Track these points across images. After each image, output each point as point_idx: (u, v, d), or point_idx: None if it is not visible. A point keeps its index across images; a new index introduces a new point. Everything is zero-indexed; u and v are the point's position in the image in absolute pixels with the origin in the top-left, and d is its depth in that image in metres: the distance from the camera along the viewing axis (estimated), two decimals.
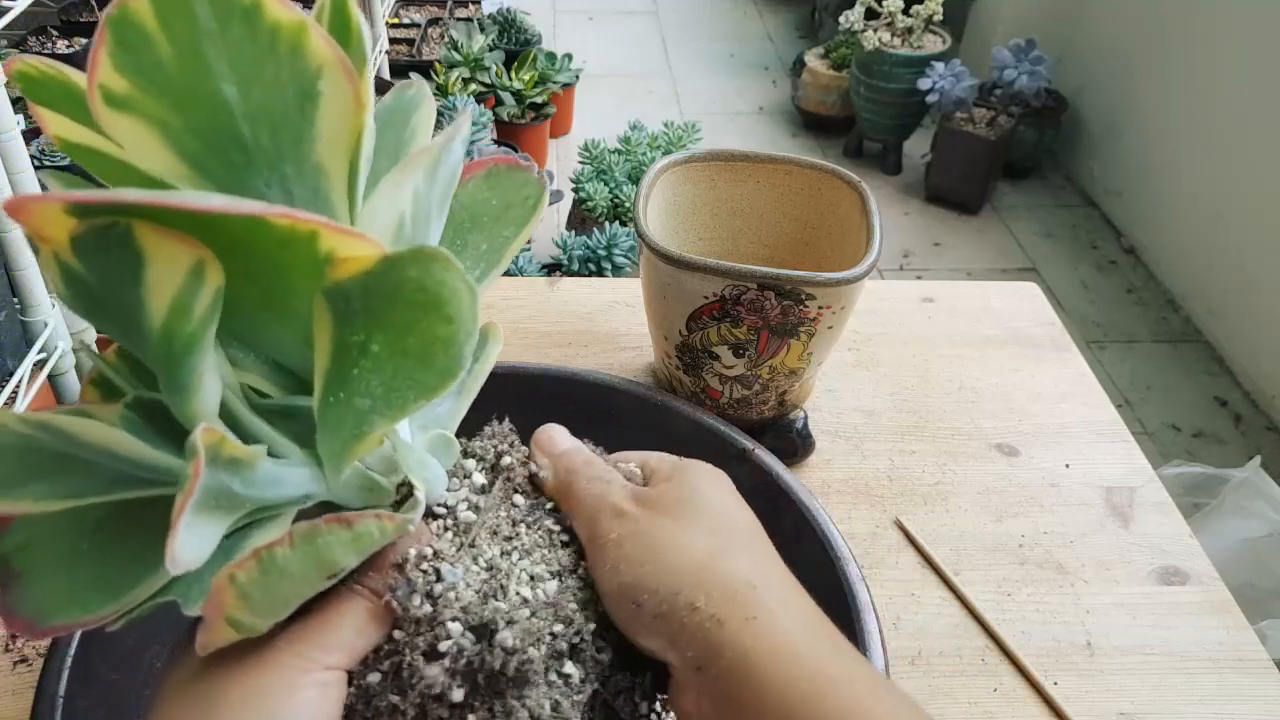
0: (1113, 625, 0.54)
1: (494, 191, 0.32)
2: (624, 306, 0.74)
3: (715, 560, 0.29)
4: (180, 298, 0.21)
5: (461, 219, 0.31)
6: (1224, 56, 1.90)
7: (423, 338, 0.22)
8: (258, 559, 0.23)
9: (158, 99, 0.21)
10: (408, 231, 0.23)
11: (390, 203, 0.22)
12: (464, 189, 0.31)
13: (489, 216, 0.31)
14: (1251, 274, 1.80)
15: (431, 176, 0.23)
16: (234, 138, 0.22)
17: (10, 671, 0.48)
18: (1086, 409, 0.68)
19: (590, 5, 3.27)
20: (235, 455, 0.23)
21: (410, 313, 0.22)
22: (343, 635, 0.27)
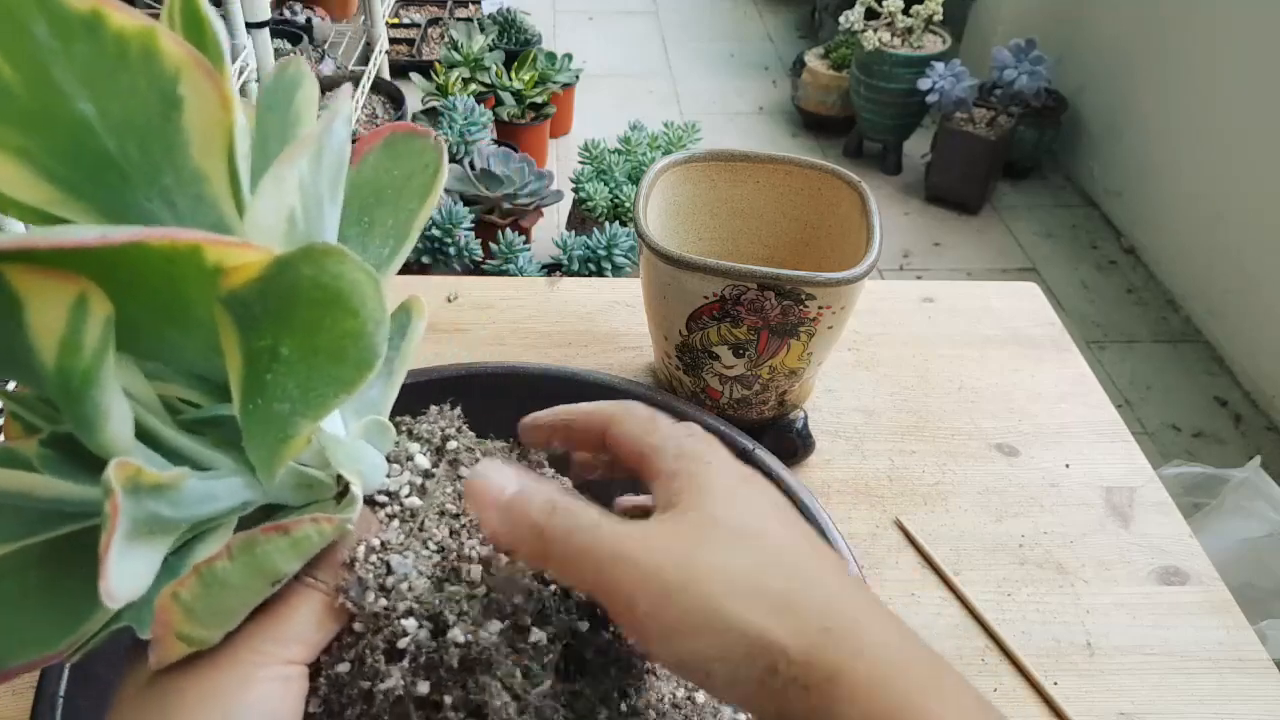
0: (1113, 625, 0.54)
1: (395, 162, 0.31)
2: (624, 306, 0.74)
3: (785, 609, 0.25)
4: (68, 336, 0.20)
5: (366, 196, 0.30)
6: (1224, 56, 1.90)
7: (330, 334, 0.22)
8: (198, 575, 0.23)
9: (11, 127, 0.20)
10: (300, 225, 0.23)
11: (275, 199, 0.22)
12: (365, 164, 0.30)
13: (392, 189, 0.30)
14: (1251, 274, 1.80)
15: (316, 163, 0.23)
16: (102, 156, 0.21)
17: None
18: (1086, 409, 0.68)
19: (590, 5, 3.27)
20: (157, 482, 0.22)
21: (313, 311, 0.22)
22: (298, 628, 0.26)
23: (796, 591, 0.25)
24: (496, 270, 1.59)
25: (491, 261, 1.60)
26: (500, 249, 1.59)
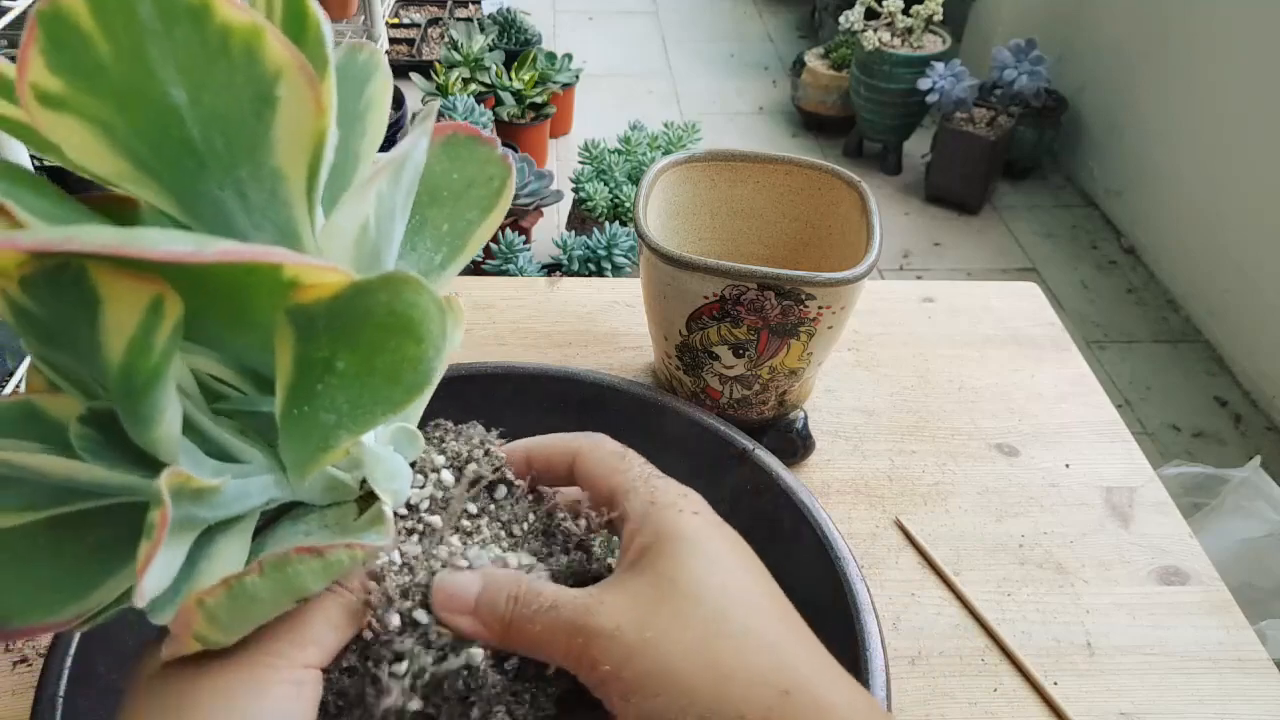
0: (1113, 625, 0.54)
1: (454, 164, 0.30)
2: (624, 306, 0.74)
3: (738, 671, 0.25)
4: (139, 336, 0.20)
5: (419, 193, 0.29)
6: (1224, 57, 1.90)
7: (392, 357, 0.22)
8: (227, 587, 0.23)
9: (99, 100, 0.20)
10: (371, 236, 0.23)
11: (354, 213, 0.22)
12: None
13: (449, 192, 0.30)
14: (1251, 274, 1.80)
15: (396, 180, 0.23)
16: (184, 142, 0.21)
17: (10, 671, 0.48)
18: (1086, 409, 0.68)
19: (590, 5, 3.27)
20: (202, 488, 0.23)
21: (380, 334, 0.22)
22: (315, 631, 0.26)
23: (751, 656, 0.26)
24: (496, 270, 1.59)
25: (491, 261, 1.60)
26: (500, 249, 1.59)
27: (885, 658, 0.38)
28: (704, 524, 0.29)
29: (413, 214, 0.29)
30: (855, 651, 0.38)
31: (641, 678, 0.25)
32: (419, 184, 0.29)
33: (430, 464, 0.31)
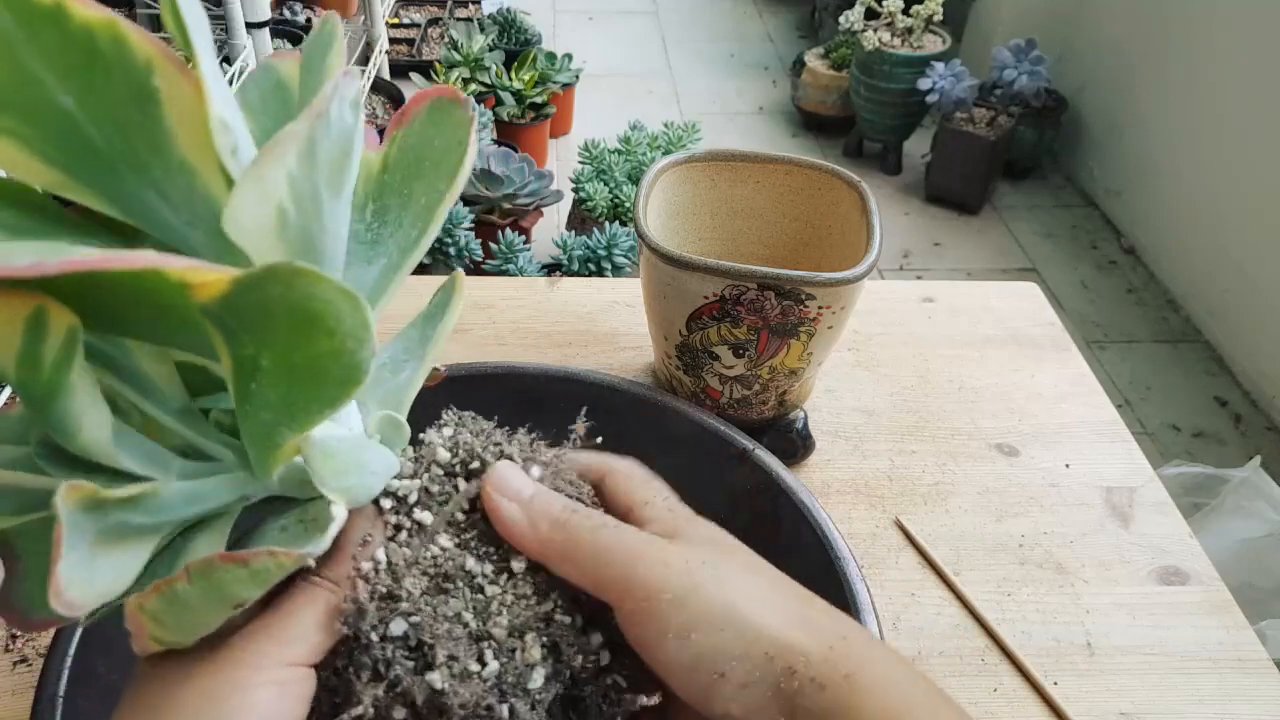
0: (1113, 625, 0.54)
1: (438, 130, 0.28)
2: (624, 306, 0.74)
3: (806, 618, 0.26)
4: (24, 352, 0.20)
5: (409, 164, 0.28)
6: (1224, 56, 1.90)
7: (307, 353, 0.21)
8: (159, 592, 0.23)
9: (12, 114, 0.20)
10: (293, 220, 0.22)
11: (256, 196, 0.20)
12: (412, 128, 0.29)
13: (431, 162, 0.28)
14: (1251, 274, 1.80)
15: (309, 155, 0.21)
16: (88, 145, 0.21)
17: (10, 671, 0.48)
18: (1086, 409, 0.68)
19: (590, 5, 3.28)
20: (116, 499, 0.22)
21: (287, 331, 0.21)
22: (300, 629, 0.26)
23: (810, 609, 0.27)
24: (496, 270, 1.59)
25: (491, 261, 1.60)
26: (500, 249, 1.59)
27: None
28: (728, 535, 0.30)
29: (401, 187, 0.29)
30: None
31: (709, 610, 0.25)
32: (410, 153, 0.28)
33: (429, 455, 0.30)
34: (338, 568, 0.27)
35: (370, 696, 0.26)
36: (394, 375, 0.31)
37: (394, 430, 0.29)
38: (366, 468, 0.27)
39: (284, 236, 0.21)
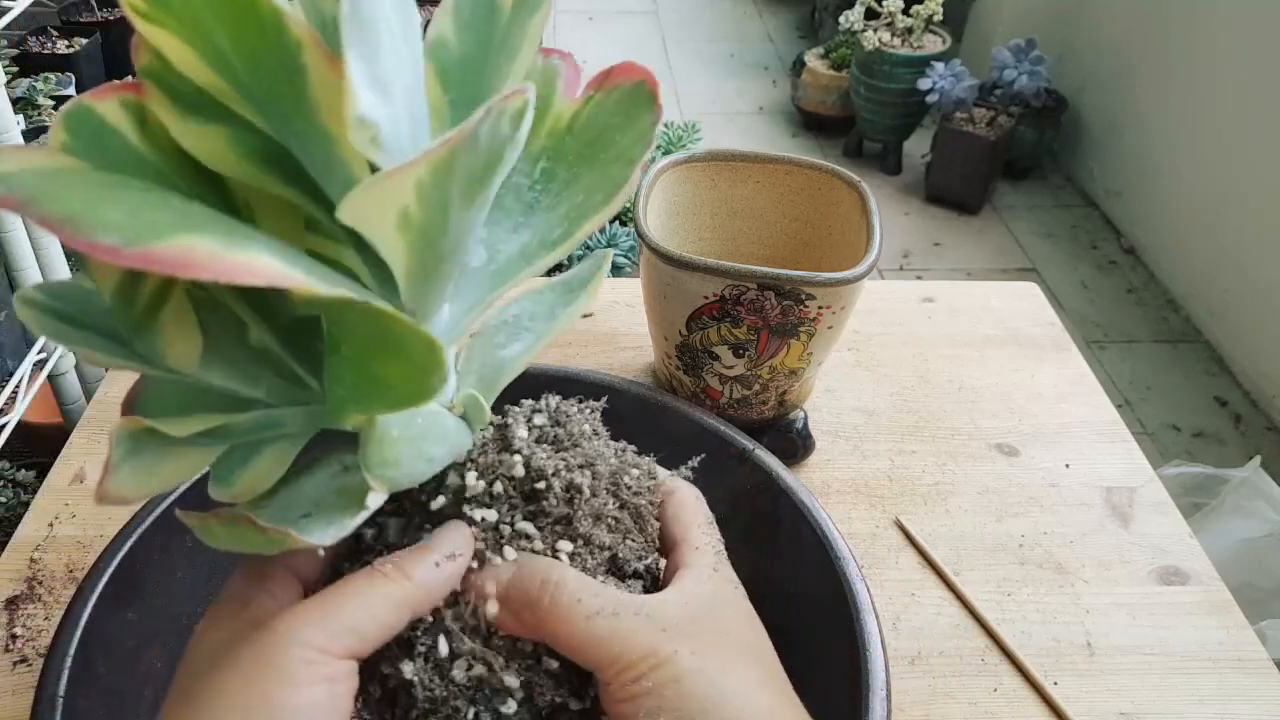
0: (1113, 625, 0.54)
1: (624, 118, 0.28)
2: (624, 306, 0.74)
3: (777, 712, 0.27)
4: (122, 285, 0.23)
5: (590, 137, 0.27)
6: (1224, 56, 1.90)
7: (379, 366, 0.23)
8: (199, 521, 0.25)
9: (172, 19, 0.21)
10: (416, 220, 0.22)
11: (379, 198, 0.21)
12: (606, 97, 0.28)
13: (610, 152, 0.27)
14: (1251, 274, 1.80)
15: (446, 168, 0.22)
16: (246, 89, 0.22)
17: (10, 671, 0.48)
18: (1086, 409, 0.68)
19: (590, 5, 3.27)
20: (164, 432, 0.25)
21: (363, 343, 0.22)
22: (353, 619, 0.25)
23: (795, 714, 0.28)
24: None
25: None
26: None
27: (885, 658, 0.38)
28: (751, 611, 0.31)
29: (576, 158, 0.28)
30: (855, 651, 0.38)
31: (681, 700, 0.26)
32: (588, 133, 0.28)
33: (509, 445, 0.30)
34: (413, 561, 0.27)
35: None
36: (505, 346, 0.30)
37: (476, 410, 0.29)
38: (422, 455, 0.27)
39: (405, 232, 0.22)
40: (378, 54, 0.21)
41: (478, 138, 0.21)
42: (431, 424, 0.27)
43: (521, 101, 0.22)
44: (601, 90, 0.28)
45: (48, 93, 1.81)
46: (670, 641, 0.27)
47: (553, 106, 0.28)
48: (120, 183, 0.22)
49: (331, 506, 0.26)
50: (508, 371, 0.30)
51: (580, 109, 0.28)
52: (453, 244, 0.24)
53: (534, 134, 0.28)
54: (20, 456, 1.06)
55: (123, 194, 0.21)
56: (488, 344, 0.31)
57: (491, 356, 0.30)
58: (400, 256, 0.23)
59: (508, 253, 0.28)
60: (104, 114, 0.23)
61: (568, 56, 0.28)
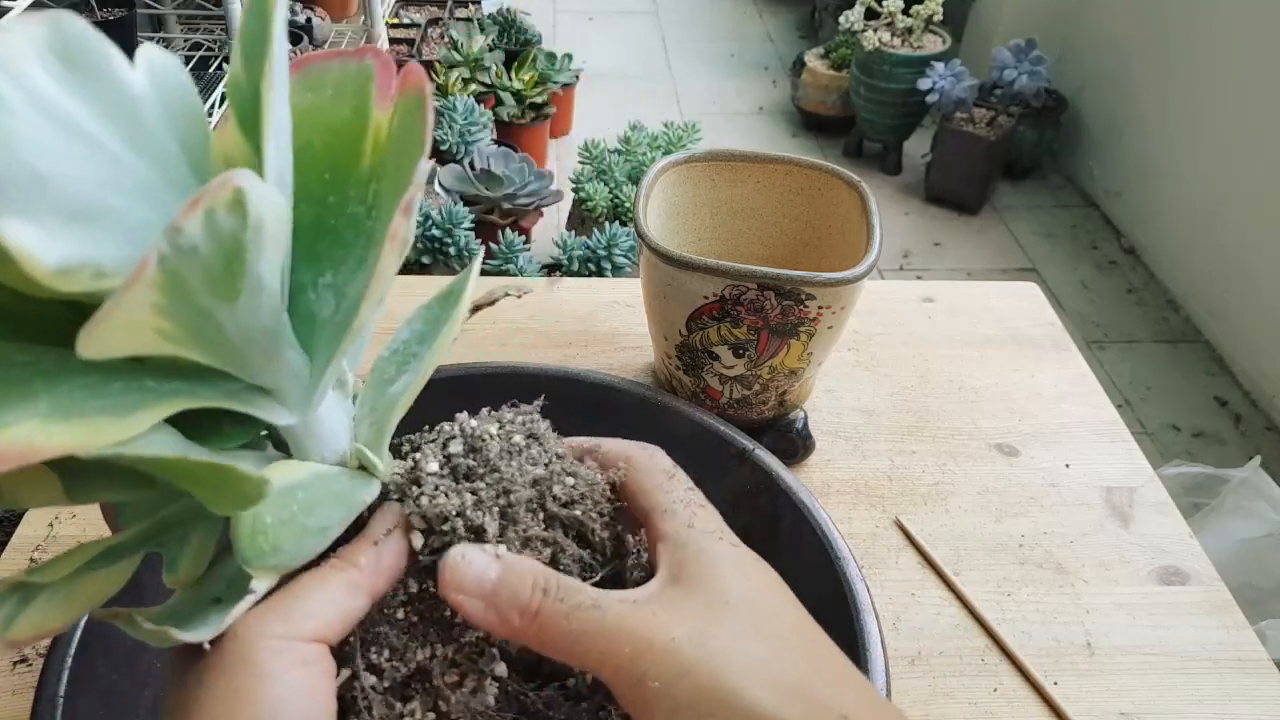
0: (1113, 625, 0.54)
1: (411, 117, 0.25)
2: (624, 306, 0.74)
3: (800, 686, 0.25)
4: None
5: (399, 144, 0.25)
6: (1224, 56, 1.90)
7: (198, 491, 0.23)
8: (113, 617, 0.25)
9: None
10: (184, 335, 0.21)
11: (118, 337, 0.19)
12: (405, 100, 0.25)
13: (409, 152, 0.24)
14: (1251, 274, 1.80)
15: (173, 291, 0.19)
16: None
17: (10, 671, 0.48)
18: (1086, 409, 0.68)
19: (590, 5, 3.27)
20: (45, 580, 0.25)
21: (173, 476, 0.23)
22: (311, 604, 0.25)
23: (812, 680, 0.25)
24: (496, 270, 1.59)
25: (491, 261, 1.60)
26: (500, 249, 1.59)
27: (885, 658, 0.38)
28: (745, 555, 0.28)
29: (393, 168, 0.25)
30: (855, 651, 0.38)
31: (697, 694, 0.24)
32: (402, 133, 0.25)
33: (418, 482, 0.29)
34: (355, 548, 0.27)
35: None
36: (394, 380, 0.29)
37: (370, 461, 0.28)
38: (309, 529, 0.26)
39: (177, 345, 0.21)
40: (46, 193, 0.19)
41: (190, 248, 0.19)
42: (316, 492, 0.26)
43: (229, 193, 0.19)
44: (403, 94, 0.25)
45: None
46: (665, 628, 0.25)
47: (371, 117, 0.25)
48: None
49: (232, 593, 0.25)
50: (398, 407, 0.28)
51: (392, 118, 0.25)
52: (245, 332, 0.22)
53: (359, 153, 0.25)
54: None
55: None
56: (378, 380, 0.29)
57: (381, 396, 0.29)
58: (195, 358, 0.21)
59: (354, 295, 0.25)
60: None
61: (379, 54, 0.26)
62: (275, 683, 0.24)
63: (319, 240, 0.25)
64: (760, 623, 0.26)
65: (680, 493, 0.30)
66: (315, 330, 0.25)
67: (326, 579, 0.26)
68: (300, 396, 0.25)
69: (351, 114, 0.25)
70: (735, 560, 0.28)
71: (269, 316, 0.23)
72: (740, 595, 0.26)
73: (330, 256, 0.25)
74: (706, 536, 0.28)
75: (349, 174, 0.25)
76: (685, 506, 0.29)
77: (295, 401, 0.25)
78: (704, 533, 0.28)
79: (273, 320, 0.23)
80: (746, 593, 0.27)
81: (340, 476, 0.27)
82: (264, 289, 0.22)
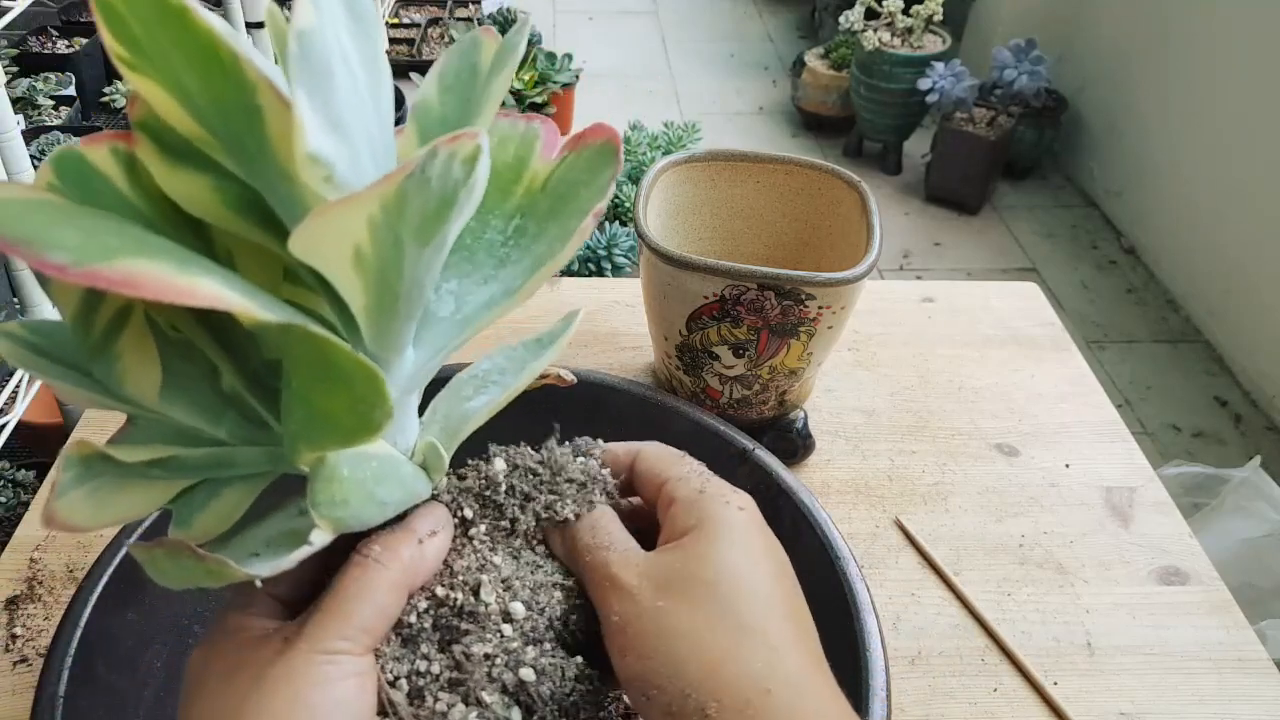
0: (1113, 625, 0.54)
1: (590, 173, 0.29)
2: (624, 306, 0.74)
3: (728, 662, 0.26)
4: (79, 312, 0.24)
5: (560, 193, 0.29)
6: (1224, 56, 1.90)
7: (324, 398, 0.23)
8: (145, 550, 0.26)
9: (151, 66, 0.22)
10: (370, 259, 0.23)
11: (329, 232, 0.21)
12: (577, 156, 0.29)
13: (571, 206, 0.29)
14: (1251, 274, 1.80)
15: (398, 207, 0.22)
16: (219, 134, 0.23)
17: (10, 671, 0.48)
18: (1086, 409, 0.68)
19: (590, 5, 3.27)
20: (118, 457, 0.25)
21: (307, 373, 0.23)
22: (364, 619, 0.26)
23: (746, 652, 0.27)
24: None
25: None
26: None
27: (885, 658, 0.38)
28: (747, 519, 0.30)
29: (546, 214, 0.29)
30: (855, 651, 0.38)
31: (640, 639, 0.27)
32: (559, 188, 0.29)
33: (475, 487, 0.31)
34: (401, 544, 0.28)
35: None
36: (471, 398, 0.31)
37: (435, 457, 0.30)
38: (373, 498, 0.27)
39: (360, 271, 0.23)
40: (331, 95, 0.22)
41: (427, 177, 0.22)
42: (386, 468, 0.27)
43: (473, 146, 0.22)
44: (574, 151, 0.29)
45: (48, 93, 1.81)
46: (653, 595, 0.28)
47: (530, 166, 0.30)
48: (85, 213, 0.22)
49: (279, 545, 0.26)
50: (471, 422, 0.31)
51: (554, 169, 0.29)
52: (409, 285, 0.24)
53: (510, 193, 0.29)
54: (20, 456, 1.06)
55: (83, 221, 0.21)
56: (455, 396, 0.32)
57: (457, 408, 0.31)
58: (357, 295, 0.23)
59: (475, 303, 0.29)
60: (94, 160, 0.24)
61: (548, 121, 0.30)
62: (332, 689, 0.25)
63: (452, 253, 0.29)
64: (718, 589, 0.28)
65: (692, 465, 0.32)
66: (430, 325, 0.29)
67: (375, 584, 0.27)
68: (403, 380, 0.28)
69: (514, 160, 0.29)
70: (739, 526, 0.30)
71: (434, 276, 0.26)
72: (715, 562, 0.28)
73: (458, 269, 0.29)
74: (716, 500, 0.30)
75: (496, 207, 0.29)
76: (698, 475, 0.32)
77: (397, 383, 0.27)
78: (714, 497, 0.30)
79: (433, 281, 0.26)
80: (723, 560, 0.28)
81: (406, 464, 0.29)
82: (444, 248, 0.25)
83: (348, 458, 0.25)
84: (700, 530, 0.29)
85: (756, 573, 0.29)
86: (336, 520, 0.25)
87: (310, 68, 0.21)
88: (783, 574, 0.30)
